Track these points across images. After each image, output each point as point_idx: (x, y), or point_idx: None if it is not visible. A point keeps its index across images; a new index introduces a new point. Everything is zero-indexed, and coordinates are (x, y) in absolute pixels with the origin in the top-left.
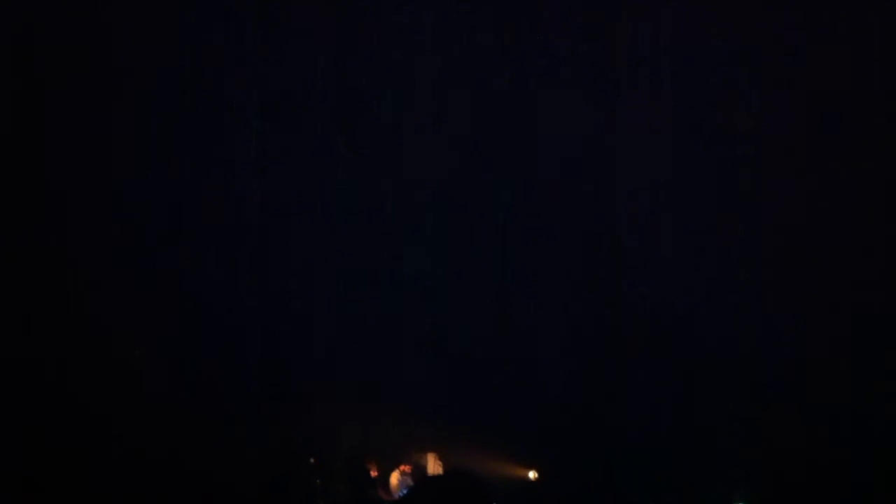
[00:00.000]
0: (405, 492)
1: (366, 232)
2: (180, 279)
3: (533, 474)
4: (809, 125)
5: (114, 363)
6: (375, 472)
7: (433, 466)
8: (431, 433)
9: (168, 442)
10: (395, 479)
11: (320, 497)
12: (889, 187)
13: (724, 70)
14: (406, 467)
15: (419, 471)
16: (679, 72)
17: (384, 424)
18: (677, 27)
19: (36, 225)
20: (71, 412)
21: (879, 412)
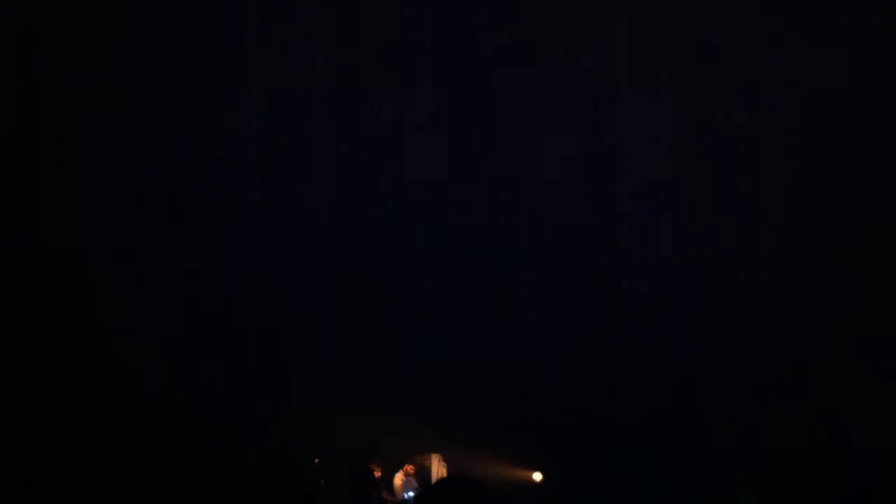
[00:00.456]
0: (409, 493)
1: (366, 232)
2: (180, 279)
3: (538, 476)
4: (809, 125)
5: (114, 363)
6: (379, 473)
7: (437, 468)
8: (435, 434)
9: (168, 442)
10: (399, 480)
11: (324, 497)
12: (889, 187)
13: (724, 70)
14: (410, 468)
15: (423, 472)
16: (679, 72)
17: (388, 425)
18: (677, 27)
19: (36, 224)
20: (71, 412)
21: (879, 412)
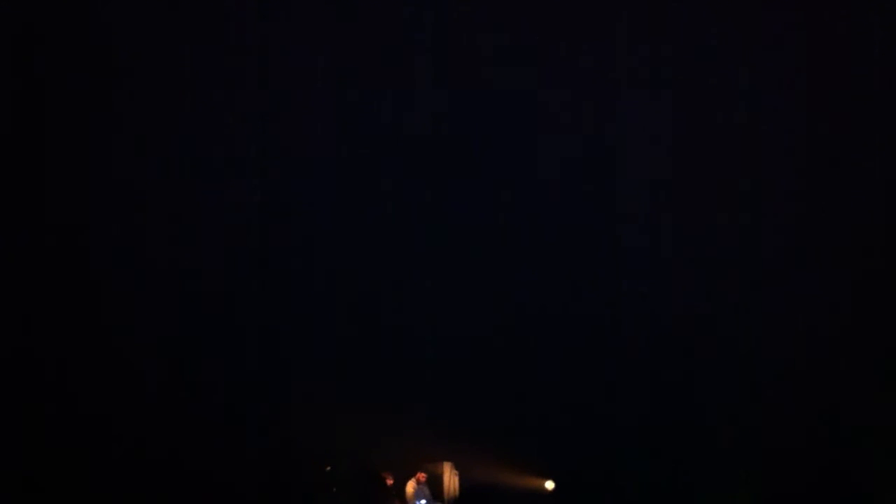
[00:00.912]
0: (421, 501)
1: (366, 232)
2: (180, 279)
3: (550, 485)
4: (809, 125)
5: (114, 363)
6: (391, 481)
7: (449, 476)
8: (434, 434)
9: (168, 442)
10: (411, 488)
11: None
12: (889, 187)
13: (724, 70)
14: (422, 476)
15: (434, 480)
16: (679, 72)
17: (388, 425)
18: (677, 27)
19: (36, 224)
20: (71, 412)
21: (879, 412)
